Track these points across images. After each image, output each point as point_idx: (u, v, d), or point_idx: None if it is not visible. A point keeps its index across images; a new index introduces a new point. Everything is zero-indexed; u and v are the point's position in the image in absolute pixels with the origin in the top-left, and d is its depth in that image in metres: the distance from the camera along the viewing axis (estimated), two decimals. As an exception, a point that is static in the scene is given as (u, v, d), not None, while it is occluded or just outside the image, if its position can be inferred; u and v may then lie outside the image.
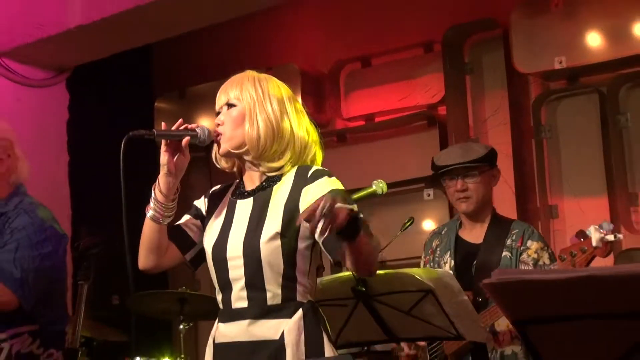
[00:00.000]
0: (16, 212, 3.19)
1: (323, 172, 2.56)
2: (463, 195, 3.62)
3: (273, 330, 2.47)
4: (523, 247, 3.53)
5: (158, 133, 2.49)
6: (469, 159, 3.60)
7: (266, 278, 2.48)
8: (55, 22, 4.77)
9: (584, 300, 1.43)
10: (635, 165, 4.85)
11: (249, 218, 2.55)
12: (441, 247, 3.74)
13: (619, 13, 4.77)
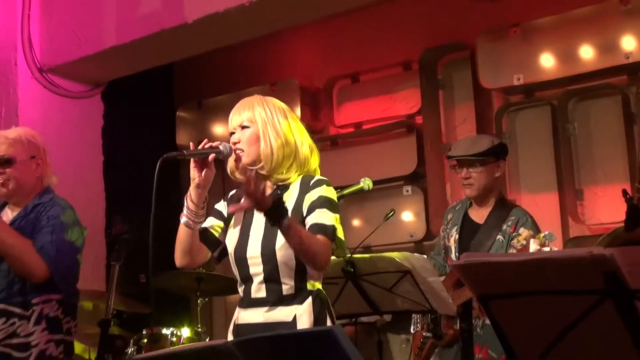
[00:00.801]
0: (51, 204, 3.18)
1: (322, 181, 2.60)
2: (467, 182, 3.62)
3: (287, 315, 2.50)
4: (515, 234, 3.51)
5: (187, 153, 2.51)
6: (474, 152, 3.60)
7: (282, 274, 2.52)
8: (92, 43, 4.76)
9: (535, 279, 1.43)
10: (581, 166, 4.84)
11: (264, 224, 2.54)
12: (452, 220, 3.74)
13: (567, 38, 4.76)
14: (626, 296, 1.37)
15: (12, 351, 3.01)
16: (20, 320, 3.03)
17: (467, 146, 3.65)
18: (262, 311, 2.54)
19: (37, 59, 4.95)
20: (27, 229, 3.11)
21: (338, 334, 1.75)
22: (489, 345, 3.41)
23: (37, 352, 3.02)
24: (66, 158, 4.72)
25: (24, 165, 3.18)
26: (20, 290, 3.06)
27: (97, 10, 4.76)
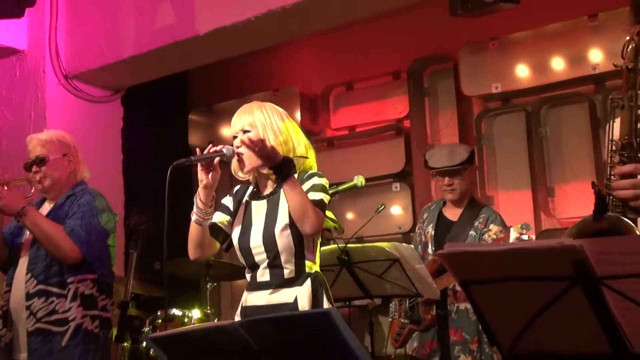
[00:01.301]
0: (82, 193, 3.19)
1: (315, 173, 2.61)
2: (450, 188, 3.65)
3: (289, 296, 2.51)
4: (486, 229, 3.55)
5: (194, 159, 2.52)
6: (455, 162, 3.63)
7: (283, 259, 2.53)
8: (113, 53, 4.76)
9: (511, 266, 1.43)
10: (552, 166, 4.85)
11: (265, 216, 2.57)
12: (428, 219, 3.77)
13: (540, 50, 4.76)
14: (593, 282, 1.37)
15: (52, 327, 3.01)
16: (58, 299, 3.03)
17: (446, 157, 3.68)
18: (266, 293, 2.54)
19: (63, 67, 4.94)
20: (61, 217, 3.13)
21: (334, 315, 1.75)
22: (463, 328, 3.44)
23: (74, 326, 3.02)
24: (89, 157, 4.67)
25: (56, 163, 3.20)
26: (58, 271, 3.06)
27: (117, 24, 4.75)
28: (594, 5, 4.49)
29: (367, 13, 4.34)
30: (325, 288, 2.56)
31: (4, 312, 3.11)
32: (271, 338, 1.84)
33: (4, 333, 3.09)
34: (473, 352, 3.40)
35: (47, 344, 2.99)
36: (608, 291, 1.37)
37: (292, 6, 4.01)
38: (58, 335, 2.99)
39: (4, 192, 3.01)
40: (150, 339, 2.06)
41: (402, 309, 3.63)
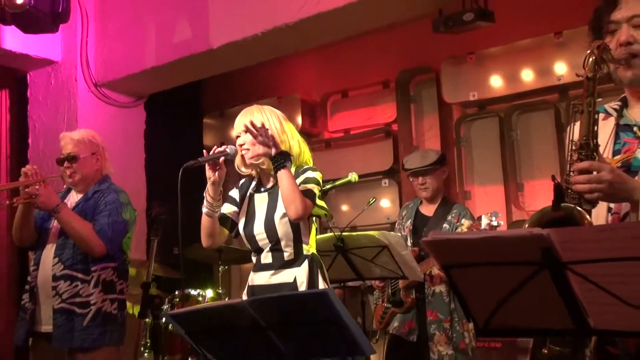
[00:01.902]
0: (108, 191, 3.18)
1: (310, 168, 2.63)
2: (423, 187, 3.68)
3: (289, 276, 2.52)
4: (458, 223, 3.58)
5: (202, 160, 2.55)
6: (426, 164, 3.66)
7: (283, 244, 2.55)
8: (137, 64, 4.76)
9: (486, 252, 1.43)
10: (522, 164, 4.85)
11: (266, 207, 2.60)
12: (407, 215, 3.79)
13: (512, 63, 4.77)
14: (559, 267, 1.36)
15: (75, 308, 3.00)
16: (82, 284, 3.02)
17: (419, 160, 3.72)
18: (269, 274, 2.56)
19: (93, 76, 4.94)
20: (88, 211, 3.11)
21: (331, 295, 1.76)
22: (438, 309, 3.47)
23: (95, 309, 3.02)
24: (116, 155, 4.68)
25: (86, 161, 3.18)
26: (83, 260, 3.05)
27: (140, 38, 4.74)
28: (559, 24, 4.49)
29: (360, 29, 4.34)
30: (320, 268, 2.57)
31: (31, 287, 3.10)
32: (276, 315, 1.84)
33: (30, 306, 3.08)
34: (446, 329, 3.42)
35: (70, 323, 2.98)
36: (572, 275, 1.36)
37: (294, 23, 4.01)
38: (80, 316, 2.98)
39: (41, 190, 2.99)
40: (169, 315, 2.06)
41: (384, 295, 3.65)
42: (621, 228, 1.37)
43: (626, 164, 1.73)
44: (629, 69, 1.75)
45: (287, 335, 1.85)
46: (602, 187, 1.60)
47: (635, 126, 1.78)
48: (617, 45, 1.74)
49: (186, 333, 2.02)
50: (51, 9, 3.76)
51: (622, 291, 1.33)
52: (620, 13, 1.76)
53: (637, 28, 1.74)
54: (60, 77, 4.96)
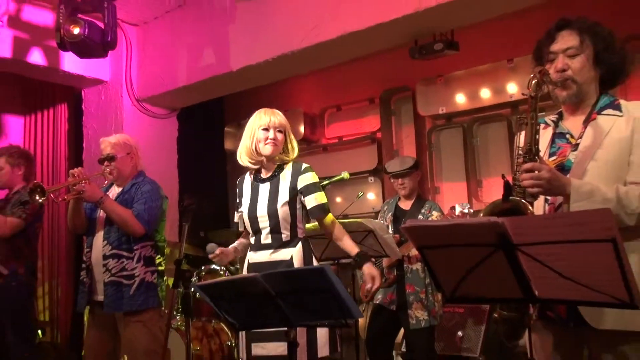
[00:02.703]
0: (143, 183, 3.15)
1: (309, 168, 2.56)
2: (402, 187, 3.66)
3: (286, 255, 2.48)
4: (429, 215, 3.55)
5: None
6: (404, 168, 3.64)
7: (282, 227, 2.49)
8: (171, 83, 4.75)
9: (453, 236, 1.44)
10: (481, 165, 4.86)
11: (268, 194, 2.53)
12: (387, 209, 3.76)
13: (473, 84, 4.77)
14: (511, 248, 1.37)
15: (123, 280, 2.99)
16: (127, 260, 3.02)
17: (398, 165, 3.71)
18: (269, 253, 2.51)
19: (135, 92, 4.92)
20: (128, 200, 3.09)
21: (327, 270, 1.76)
22: (415, 283, 3.46)
23: (139, 280, 3.01)
24: (153, 157, 4.70)
25: (122, 160, 3.15)
26: (127, 240, 3.04)
27: (174, 62, 4.73)
28: (511, 52, 4.50)
29: (351, 56, 4.35)
30: (310, 249, 2.54)
31: (87, 266, 3.09)
32: (283, 286, 1.84)
33: (87, 281, 3.08)
34: (422, 299, 3.42)
35: (119, 292, 2.97)
36: (521, 254, 1.37)
37: (298, 51, 4.01)
38: (127, 286, 2.98)
39: (86, 186, 2.97)
40: (197, 286, 2.06)
41: None
42: (559, 217, 1.38)
43: (560, 165, 1.75)
44: (564, 89, 1.78)
45: (292, 302, 1.85)
46: (541, 184, 1.61)
47: (568, 134, 1.81)
48: (555, 71, 1.77)
49: (210, 300, 2.02)
50: (101, 38, 3.75)
51: (560, 267, 1.34)
52: (557, 45, 1.79)
53: (571, 57, 1.77)
54: (109, 93, 4.95)
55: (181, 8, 4.71)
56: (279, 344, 2.36)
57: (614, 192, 1.61)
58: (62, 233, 5.29)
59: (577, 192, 1.61)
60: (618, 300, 1.31)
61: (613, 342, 1.64)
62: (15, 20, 4.30)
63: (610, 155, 1.68)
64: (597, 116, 1.76)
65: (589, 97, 1.79)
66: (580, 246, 1.27)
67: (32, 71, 4.63)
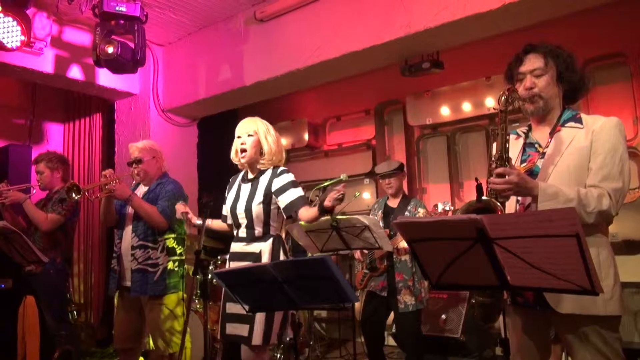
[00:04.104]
0: (167, 183, 3.16)
1: (284, 171, 2.52)
2: (389, 186, 3.63)
3: (256, 248, 2.45)
4: (416, 212, 3.53)
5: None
6: (391, 169, 3.62)
7: (255, 223, 2.47)
8: (192, 96, 4.75)
9: (438, 231, 1.44)
10: (462, 169, 4.86)
11: (248, 194, 2.52)
12: (377, 207, 3.73)
13: (456, 98, 4.77)
14: (488, 242, 1.38)
15: (148, 267, 2.99)
16: (152, 250, 3.02)
17: (386, 167, 3.68)
18: (243, 244, 2.50)
19: (160, 104, 4.93)
20: (153, 198, 3.10)
21: (328, 260, 1.77)
22: (403, 272, 3.44)
23: (162, 268, 3.01)
24: (176, 160, 4.72)
25: (148, 162, 3.16)
26: (152, 233, 3.04)
27: (195, 77, 4.74)
28: (489, 71, 4.51)
29: (349, 73, 4.35)
30: (282, 245, 2.48)
31: (117, 255, 3.09)
32: (289, 273, 1.85)
33: (117, 268, 3.08)
34: (410, 286, 3.41)
35: (145, 278, 2.97)
36: (497, 247, 1.38)
37: (303, 69, 4.01)
38: (152, 273, 2.98)
39: (117, 186, 2.97)
40: (215, 273, 2.07)
41: (363, 264, 3.64)
42: (530, 215, 1.39)
43: (530, 171, 1.78)
44: (531, 104, 1.80)
45: (297, 287, 1.86)
46: (511, 187, 1.63)
47: (537, 144, 1.83)
48: (524, 89, 1.80)
49: (226, 286, 2.03)
50: (132, 57, 3.76)
51: (531, 258, 1.35)
52: (525, 67, 1.81)
53: (537, 77, 1.80)
54: (138, 104, 4.96)
55: (201, 31, 4.73)
56: (244, 326, 2.38)
57: (576, 193, 1.62)
58: (96, 227, 5.31)
59: (543, 194, 1.62)
60: (581, 288, 1.32)
61: (575, 324, 1.65)
62: (57, 41, 4.31)
63: (571, 162, 1.70)
64: (562, 128, 1.78)
65: (553, 111, 1.82)
66: (548, 240, 1.28)
67: (71, 85, 4.64)
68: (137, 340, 3.14)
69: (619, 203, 1.65)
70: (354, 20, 3.75)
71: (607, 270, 1.65)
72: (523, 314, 1.77)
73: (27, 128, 5.44)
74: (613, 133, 1.69)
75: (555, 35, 3.01)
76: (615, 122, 1.72)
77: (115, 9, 3.60)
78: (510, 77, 1.86)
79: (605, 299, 1.61)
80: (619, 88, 4.09)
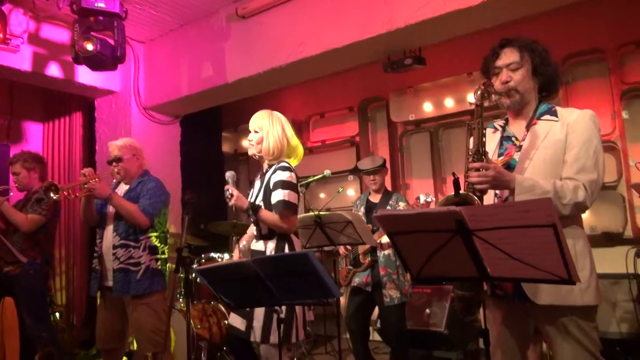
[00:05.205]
0: (148, 181, 3.12)
1: (284, 167, 2.44)
2: (373, 182, 3.64)
3: (262, 246, 2.43)
4: (397, 206, 3.55)
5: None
6: (375, 166, 3.63)
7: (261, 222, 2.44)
8: (174, 93, 4.70)
9: (418, 223, 1.45)
10: (445, 165, 4.90)
11: (257, 191, 2.51)
12: (360, 203, 3.75)
13: (438, 94, 4.80)
14: (467, 233, 1.39)
15: (130, 267, 2.96)
16: (134, 249, 2.98)
17: (370, 163, 3.69)
18: (253, 242, 2.49)
19: (142, 102, 4.87)
20: (135, 197, 3.06)
21: (310, 255, 1.76)
22: (387, 266, 3.46)
23: (144, 267, 2.98)
24: (159, 158, 4.67)
25: (129, 161, 3.12)
26: (134, 232, 3.01)
27: (177, 74, 4.69)
28: (470, 67, 4.54)
29: (332, 70, 4.35)
30: (289, 243, 2.41)
31: (99, 255, 3.06)
32: (272, 269, 1.84)
33: (98, 268, 3.05)
34: (394, 279, 3.43)
35: (127, 277, 2.94)
36: (476, 238, 1.39)
37: (285, 65, 3.99)
38: (134, 272, 2.95)
39: (96, 185, 2.93)
40: (196, 270, 2.05)
41: (347, 260, 3.64)
42: (508, 206, 1.40)
43: (507, 164, 1.79)
44: (507, 98, 1.82)
45: (280, 283, 1.85)
46: (488, 180, 1.64)
47: (514, 137, 1.84)
48: (500, 83, 1.81)
49: (208, 283, 2.01)
50: (112, 53, 3.70)
51: (509, 249, 1.36)
52: (501, 61, 1.83)
53: (513, 71, 1.81)
54: (119, 102, 4.90)
55: (182, 27, 4.68)
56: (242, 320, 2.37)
57: (552, 185, 1.64)
58: (78, 226, 5.23)
59: (520, 186, 1.64)
60: (558, 277, 1.34)
61: (553, 315, 1.67)
62: (35, 38, 4.23)
63: (547, 155, 1.72)
64: (537, 121, 1.80)
65: (529, 104, 1.84)
66: (526, 231, 1.29)
67: (49, 83, 4.56)
68: (120, 341, 3.11)
69: (594, 194, 1.68)
70: (335, 17, 3.75)
71: (584, 261, 1.68)
72: (502, 306, 1.79)
73: (5, 128, 5.33)
74: (587, 126, 1.72)
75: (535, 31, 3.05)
76: (589, 114, 1.74)
77: (94, 5, 3.55)
78: (486, 71, 1.87)
79: (582, 289, 1.64)
80: (597, 83, 4.15)
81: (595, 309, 1.68)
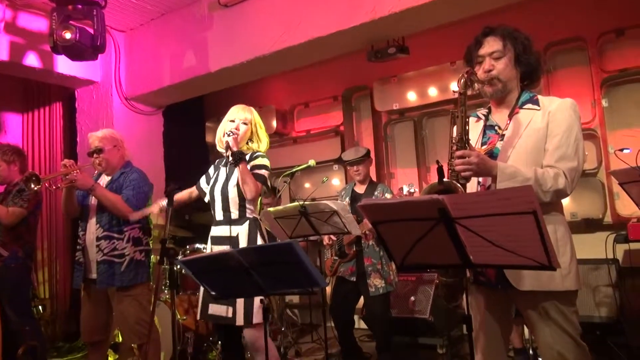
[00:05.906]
0: (131, 172, 3.08)
1: (260, 155, 2.58)
2: (357, 173, 3.63)
3: (233, 232, 2.45)
4: (383, 197, 3.55)
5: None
6: (358, 156, 3.61)
7: (231, 206, 2.49)
8: (156, 83, 4.64)
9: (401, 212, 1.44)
10: (429, 154, 4.91)
11: (225, 177, 2.55)
12: (345, 194, 3.74)
13: (422, 83, 4.80)
14: (450, 221, 1.39)
15: (114, 259, 2.93)
16: (118, 241, 2.95)
17: (353, 154, 3.67)
18: (221, 228, 2.51)
19: (123, 92, 4.80)
20: (118, 188, 3.02)
21: (295, 245, 1.75)
22: (371, 256, 3.47)
23: (128, 259, 2.95)
24: (142, 150, 4.61)
25: (110, 152, 3.07)
26: (117, 223, 2.97)
27: (159, 64, 4.62)
28: (454, 56, 4.54)
29: (316, 59, 4.32)
30: (260, 229, 2.50)
31: (82, 247, 3.02)
32: (256, 259, 1.83)
33: (82, 260, 3.01)
34: (378, 269, 3.44)
35: (111, 269, 2.91)
36: (459, 226, 1.40)
37: (269, 54, 3.96)
38: (118, 264, 2.92)
39: (78, 175, 2.88)
40: (181, 261, 2.04)
41: (333, 251, 3.64)
42: (490, 194, 1.41)
43: (490, 152, 1.81)
44: (490, 87, 1.82)
45: (264, 273, 1.85)
46: (471, 167, 1.65)
47: (497, 126, 1.85)
48: (483, 71, 1.81)
49: (193, 274, 2.00)
50: (92, 42, 3.63)
51: (491, 236, 1.37)
52: (483, 49, 1.83)
53: (496, 60, 1.82)
54: (100, 93, 4.81)
55: (164, 16, 4.60)
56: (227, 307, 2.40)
57: (533, 173, 1.66)
58: (60, 219, 5.16)
59: (502, 173, 1.65)
60: (539, 263, 1.35)
61: (535, 300, 1.70)
62: (12, 26, 4.12)
63: (528, 143, 1.74)
64: (520, 110, 1.81)
65: (512, 93, 1.85)
66: (507, 218, 1.30)
67: (28, 73, 4.45)
68: (105, 333, 3.08)
69: (574, 182, 1.70)
70: (319, 5, 3.71)
71: (564, 247, 1.70)
72: (485, 292, 1.81)
73: (-18, 119, 5.21)
74: (568, 114, 1.73)
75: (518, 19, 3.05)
76: (569, 103, 1.76)
77: (72, -7, 3.46)
78: (469, 59, 1.87)
79: (562, 275, 1.67)
80: (578, 71, 4.20)
81: (576, 293, 1.71)
